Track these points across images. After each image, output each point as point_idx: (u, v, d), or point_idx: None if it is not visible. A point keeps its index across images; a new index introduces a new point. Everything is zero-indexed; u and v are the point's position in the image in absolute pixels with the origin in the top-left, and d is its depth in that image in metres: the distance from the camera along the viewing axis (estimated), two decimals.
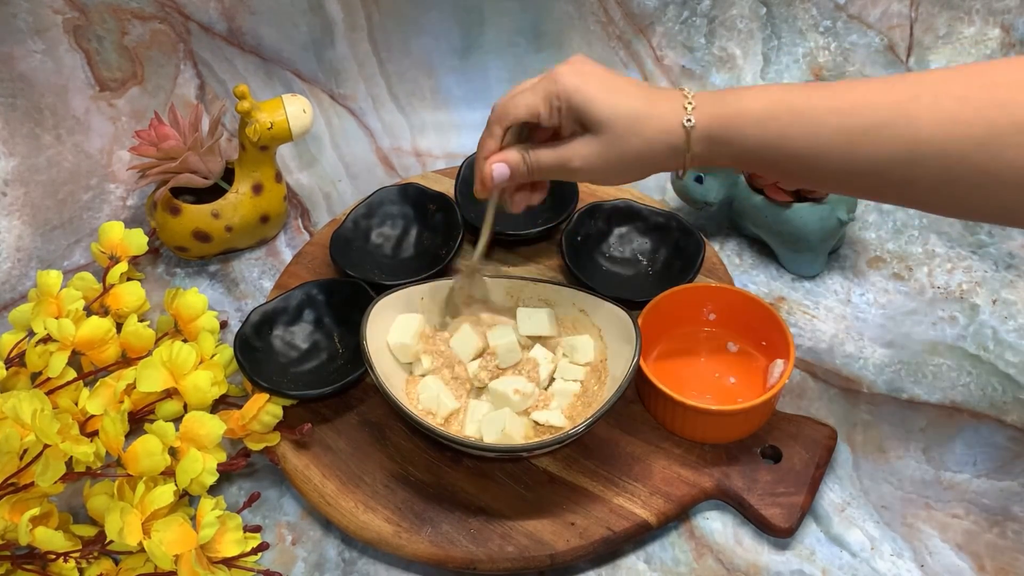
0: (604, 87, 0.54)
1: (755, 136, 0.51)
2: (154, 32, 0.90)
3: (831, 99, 0.50)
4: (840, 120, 0.49)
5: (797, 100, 0.50)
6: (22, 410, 0.57)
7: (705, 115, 0.52)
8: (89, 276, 0.75)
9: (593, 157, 0.55)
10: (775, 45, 0.97)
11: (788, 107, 0.50)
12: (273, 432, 0.66)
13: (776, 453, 0.64)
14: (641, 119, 0.53)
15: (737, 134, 0.51)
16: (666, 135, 0.53)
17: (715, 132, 0.52)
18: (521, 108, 0.55)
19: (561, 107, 0.54)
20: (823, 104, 0.50)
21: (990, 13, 0.95)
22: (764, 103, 0.51)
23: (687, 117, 0.52)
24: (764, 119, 0.50)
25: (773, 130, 0.50)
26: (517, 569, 0.59)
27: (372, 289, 0.71)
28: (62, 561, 0.56)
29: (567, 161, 0.56)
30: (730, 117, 0.52)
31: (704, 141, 0.52)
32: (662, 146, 0.53)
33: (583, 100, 0.54)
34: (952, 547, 0.61)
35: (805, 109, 0.50)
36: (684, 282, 0.72)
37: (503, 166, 0.57)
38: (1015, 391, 0.70)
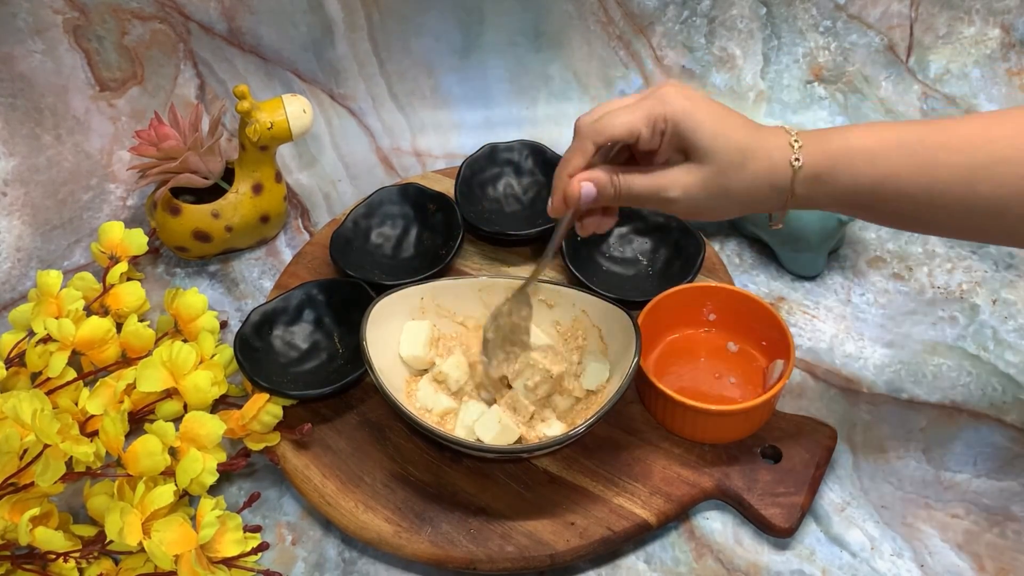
0: (713, 115, 0.50)
1: (865, 175, 0.48)
2: (154, 32, 0.90)
3: (944, 135, 0.48)
4: (956, 157, 0.47)
5: (909, 137, 0.48)
6: (22, 410, 0.57)
7: (812, 154, 0.49)
8: (89, 276, 0.75)
9: (694, 189, 0.50)
10: (775, 45, 0.97)
11: (899, 144, 0.48)
12: (273, 432, 0.66)
13: (776, 453, 0.64)
14: (748, 154, 0.50)
15: (845, 173, 0.49)
16: (771, 174, 0.50)
17: (822, 171, 0.49)
18: (620, 127, 0.50)
19: (666, 130, 0.50)
20: (936, 140, 0.48)
21: (990, 13, 0.95)
22: (874, 141, 0.48)
23: (795, 156, 0.49)
24: (875, 157, 0.48)
25: (884, 168, 0.48)
26: (517, 569, 0.59)
27: (372, 289, 0.71)
28: (62, 561, 0.56)
29: (663, 190, 0.51)
30: (837, 155, 0.49)
31: (809, 182, 0.50)
32: (765, 185, 0.50)
33: (692, 126, 0.49)
34: (952, 547, 0.61)
35: (918, 146, 0.47)
36: (684, 282, 0.72)
37: (591, 186, 0.52)
38: (1015, 391, 0.70)
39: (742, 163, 0.49)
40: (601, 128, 0.51)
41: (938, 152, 0.47)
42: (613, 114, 0.51)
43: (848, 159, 0.49)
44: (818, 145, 0.49)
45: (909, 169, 0.47)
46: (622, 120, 0.50)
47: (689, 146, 0.50)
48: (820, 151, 0.49)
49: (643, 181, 0.52)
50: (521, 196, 0.86)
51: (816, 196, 0.50)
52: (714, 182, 0.50)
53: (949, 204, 0.48)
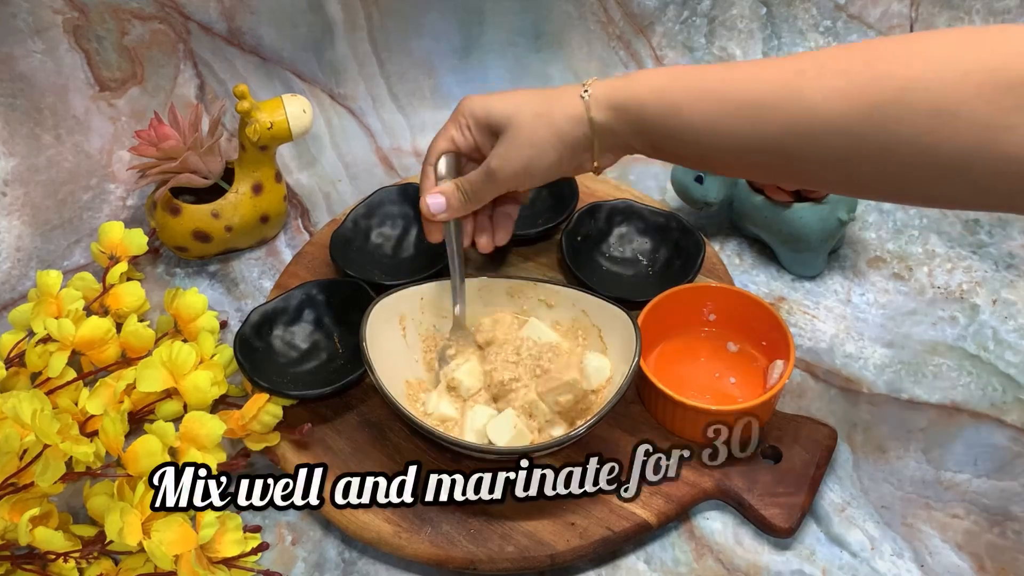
0: (502, 96, 0.58)
1: (652, 105, 0.52)
2: (154, 32, 0.90)
3: (723, 74, 0.51)
4: (730, 93, 0.50)
5: (691, 74, 0.52)
6: (22, 410, 0.57)
7: (602, 88, 0.54)
8: (89, 276, 0.75)
9: (508, 153, 0.57)
10: (775, 45, 0.97)
11: (682, 81, 0.52)
12: (273, 432, 0.66)
13: (776, 453, 0.64)
14: (544, 109, 0.55)
15: (635, 102, 0.53)
16: (571, 112, 0.55)
17: (615, 100, 0.54)
18: (440, 141, 0.61)
19: (469, 124, 0.59)
20: (715, 77, 0.51)
21: (990, 13, 0.95)
22: (659, 77, 0.53)
23: (584, 90, 0.54)
24: (659, 88, 0.52)
25: (668, 100, 0.52)
26: (517, 569, 0.59)
27: (372, 289, 0.71)
28: (62, 561, 0.56)
29: (491, 170, 0.58)
30: (626, 87, 0.54)
31: (605, 110, 0.54)
32: (569, 124, 0.55)
33: (484, 108, 0.58)
34: (952, 547, 0.61)
35: (698, 82, 0.51)
36: (684, 282, 0.72)
37: (438, 196, 0.61)
38: (1015, 391, 0.70)
39: (541, 118, 0.55)
40: (431, 148, 0.62)
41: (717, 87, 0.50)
42: (438, 135, 0.62)
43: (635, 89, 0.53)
44: (609, 84, 0.55)
45: (688, 101, 0.51)
46: (441, 135, 0.61)
47: (492, 124, 0.57)
48: (610, 86, 0.54)
49: (476, 172, 0.59)
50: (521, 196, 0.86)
51: (619, 128, 0.54)
52: (521, 142, 0.56)
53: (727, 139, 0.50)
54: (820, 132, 0.47)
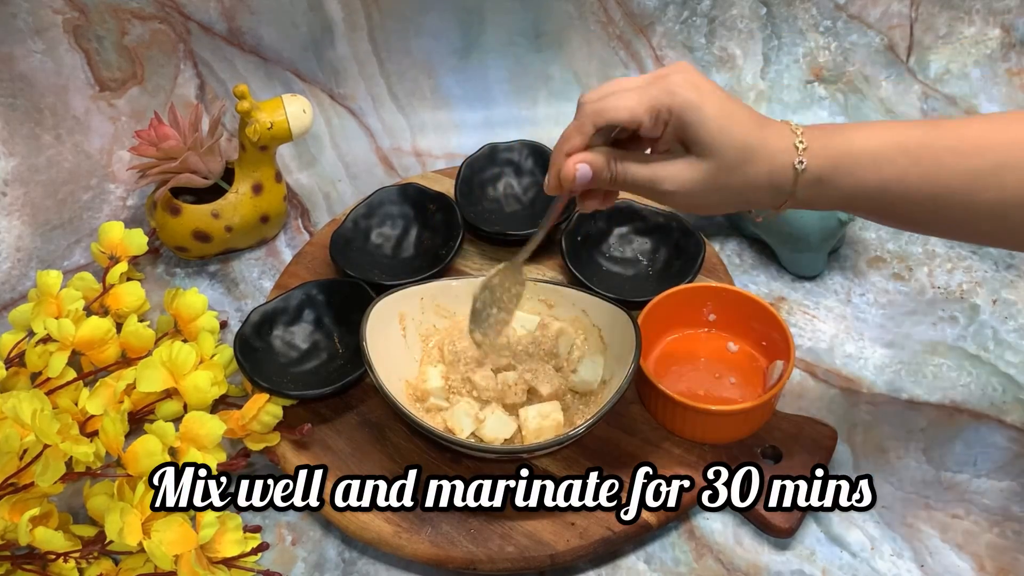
0: (719, 110, 0.48)
1: (870, 179, 0.47)
2: (154, 32, 0.90)
3: (948, 139, 0.47)
4: (961, 161, 0.46)
5: (912, 140, 0.47)
6: (22, 410, 0.57)
7: (817, 156, 0.48)
8: (89, 276, 0.75)
9: (692, 184, 0.49)
10: (775, 45, 0.97)
11: (903, 147, 0.47)
12: (273, 432, 0.66)
13: (776, 453, 0.64)
14: (751, 153, 0.48)
15: (847, 177, 0.48)
16: (773, 174, 0.48)
17: (825, 175, 0.48)
18: (622, 111, 0.49)
19: (669, 121, 0.49)
20: (940, 144, 0.47)
21: (990, 13, 0.95)
22: (877, 143, 0.47)
23: (799, 159, 0.48)
24: (879, 160, 0.47)
25: (889, 173, 0.47)
26: (517, 569, 0.59)
27: (372, 289, 0.71)
28: (62, 561, 0.56)
29: (660, 182, 0.50)
30: (841, 157, 0.48)
31: (812, 185, 0.48)
32: (766, 185, 0.49)
33: (697, 120, 0.48)
34: (952, 547, 0.61)
35: (922, 151, 0.47)
36: (684, 282, 0.72)
37: (587, 168, 0.50)
38: (1015, 391, 0.70)
39: (744, 162, 0.48)
40: (602, 109, 0.49)
41: (942, 156, 0.47)
42: (617, 96, 0.49)
43: (851, 162, 0.48)
44: (823, 147, 0.48)
45: (913, 174, 0.47)
46: (624, 104, 0.49)
47: (691, 140, 0.48)
48: (824, 154, 0.48)
49: (641, 171, 0.50)
50: (521, 196, 0.86)
51: (816, 198, 0.49)
52: (713, 179, 0.49)
53: (953, 208, 0.47)
54: None
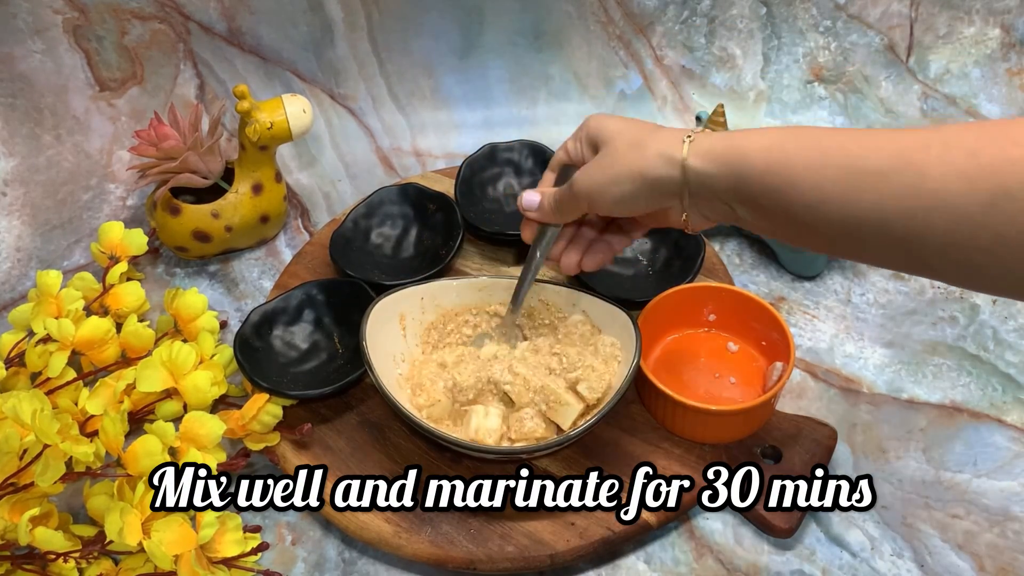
0: (620, 119, 0.57)
1: (757, 158, 0.48)
2: (154, 32, 0.90)
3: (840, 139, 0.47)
4: (846, 160, 0.46)
5: (805, 135, 0.48)
6: (22, 410, 0.57)
7: (707, 137, 0.51)
8: (89, 276, 0.75)
9: (591, 171, 0.55)
10: (775, 45, 0.97)
11: (796, 140, 0.48)
12: (273, 432, 0.66)
13: (776, 453, 0.64)
14: (641, 139, 0.54)
15: (737, 153, 0.49)
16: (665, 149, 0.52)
17: (716, 149, 0.50)
18: (559, 151, 0.62)
19: (583, 137, 0.59)
20: (831, 142, 0.47)
21: (990, 13, 0.95)
22: (771, 135, 0.49)
23: (687, 135, 0.52)
24: (767, 144, 0.48)
25: (776, 156, 0.48)
26: (517, 569, 0.59)
27: (372, 289, 0.71)
28: (62, 561, 0.56)
29: (571, 181, 0.57)
30: (732, 139, 0.50)
31: (703, 156, 0.51)
32: (658, 160, 0.52)
33: (597, 126, 0.57)
34: (952, 547, 0.61)
35: (812, 144, 0.47)
36: (684, 282, 0.72)
37: (534, 195, 0.61)
38: (1015, 391, 0.70)
39: (635, 143, 0.54)
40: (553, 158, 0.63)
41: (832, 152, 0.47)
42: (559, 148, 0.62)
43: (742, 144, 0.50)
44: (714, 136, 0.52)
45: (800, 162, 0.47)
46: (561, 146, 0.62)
47: (596, 141, 0.57)
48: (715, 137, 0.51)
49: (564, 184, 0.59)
50: None
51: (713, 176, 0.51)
52: (608, 162, 0.55)
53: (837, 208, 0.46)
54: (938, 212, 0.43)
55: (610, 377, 0.64)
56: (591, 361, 0.65)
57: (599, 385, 0.63)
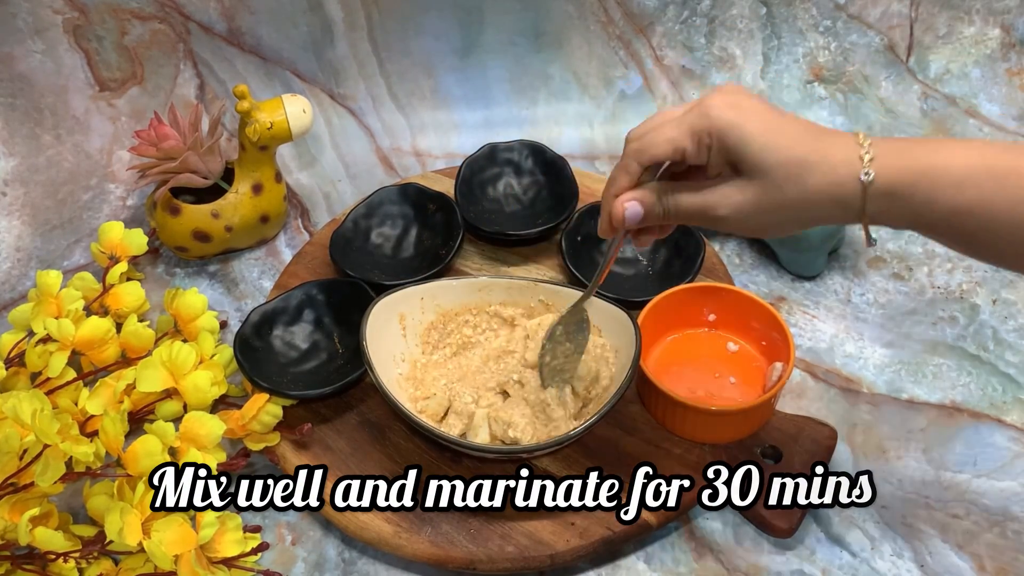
0: (764, 126, 0.46)
1: (949, 200, 0.43)
2: (154, 32, 0.90)
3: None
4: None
5: (1000, 164, 0.43)
6: (22, 410, 0.57)
7: (887, 168, 0.44)
8: (89, 276, 0.75)
9: (744, 206, 0.47)
10: (775, 45, 0.97)
11: (990, 171, 0.43)
12: (273, 432, 0.66)
13: (776, 453, 0.64)
14: (806, 167, 0.45)
15: (926, 195, 0.43)
16: (835, 188, 0.44)
17: (899, 189, 0.44)
18: (664, 145, 0.48)
19: (712, 145, 0.47)
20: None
21: (990, 13, 0.95)
22: (962, 162, 0.43)
23: (864, 170, 0.44)
24: (962, 181, 0.43)
25: (973, 196, 0.43)
26: (517, 569, 0.59)
27: (372, 289, 0.71)
28: (62, 561, 0.56)
29: (712, 208, 0.48)
30: (920, 173, 0.44)
31: (884, 198, 0.44)
32: (828, 200, 0.45)
33: (739, 140, 0.46)
34: (952, 547, 0.61)
35: (1011, 176, 0.42)
36: (684, 282, 0.72)
37: (637, 206, 0.50)
38: (1015, 391, 0.70)
39: (797, 177, 0.45)
40: (644, 147, 0.49)
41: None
42: (657, 131, 0.48)
43: (931, 179, 0.43)
44: (896, 159, 0.44)
45: (1001, 198, 0.42)
46: (664, 138, 0.48)
47: (737, 161, 0.46)
48: (896, 165, 0.44)
49: (691, 200, 0.49)
50: (521, 196, 0.86)
51: (888, 215, 0.45)
52: (767, 198, 0.46)
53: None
54: None
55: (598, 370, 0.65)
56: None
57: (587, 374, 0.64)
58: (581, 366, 0.65)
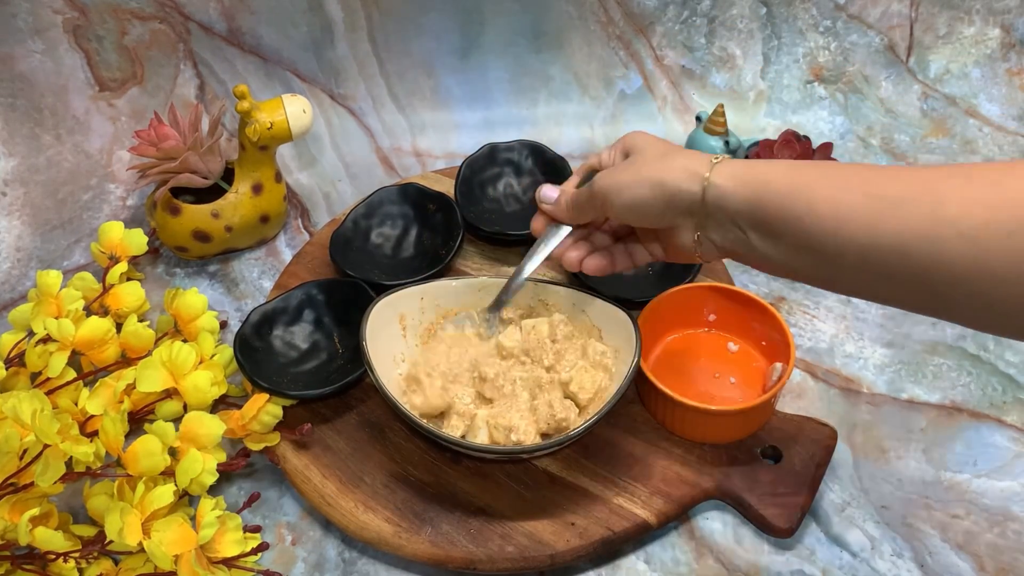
0: (657, 138, 0.59)
1: (780, 185, 0.49)
2: (154, 32, 0.90)
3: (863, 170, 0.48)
4: (866, 187, 0.46)
5: (829, 167, 0.49)
6: (22, 410, 0.57)
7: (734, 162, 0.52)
8: (89, 276, 0.75)
9: (613, 175, 0.56)
10: (775, 45, 0.97)
11: (818, 169, 0.49)
12: (273, 432, 0.66)
13: (776, 453, 0.64)
14: (672, 153, 0.56)
15: (760, 179, 0.50)
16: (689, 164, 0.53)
17: (739, 170, 0.51)
18: (593, 157, 0.63)
19: (618, 147, 0.60)
20: (852, 172, 0.48)
21: (990, 13, 0.95)
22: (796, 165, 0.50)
23: (716, 158, 0.53)
24: (790, 174, 0.49)
25: (798, 183, 0.48)
26: (517, 569, 0.59)
27: (372, 289, 0.71)
28: (62, 561, 0.56)
29: (592, 182, 0.58)
30: (756, 165, 0.52)
31: (726, 176, 0.51)
32: (681, 173, 0.53)
33: (633, 138, 0.59)
34: (952, 547, 0.61)
35: (834, 173, 0.48)
36: (684, 282, 0.72)
37: (552, 189, 0.63)
38: (1015, 391, 0.70)
39: (663, 154, 0.55)
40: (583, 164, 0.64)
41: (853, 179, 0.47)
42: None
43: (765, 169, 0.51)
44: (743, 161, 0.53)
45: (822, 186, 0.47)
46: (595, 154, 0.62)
47: (630, 150, 0.58)
48: (742, 161, 0.53)
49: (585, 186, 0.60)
50: (521, 196, 0.86)
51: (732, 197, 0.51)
52: (632, 167, 0.56)
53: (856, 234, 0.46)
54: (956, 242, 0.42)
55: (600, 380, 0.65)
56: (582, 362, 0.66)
57: (590, 385, 0.64)
58: (585, 375, 0.64)
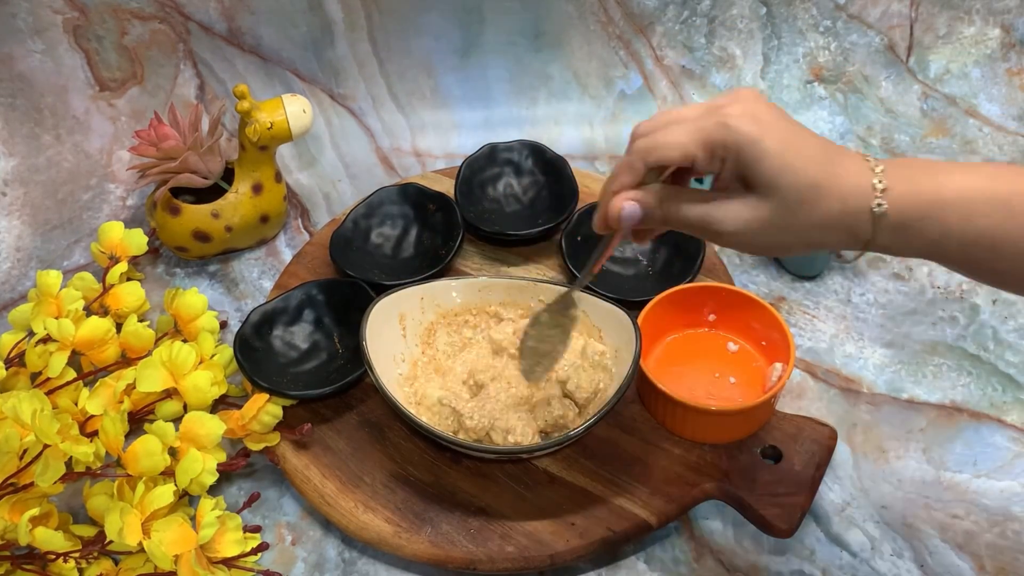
0: (782, 143, 0.43)
1: (959, 230, 0.42)
2: (154, 32, 0.90)
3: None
4: None
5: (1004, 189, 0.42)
6: (22, 410, 0.57)
7: (898, 198, 0.43)
8: (89, 276, 0.75)
9: (752, 224, 0.45)
10: (775, 45, 0.97)
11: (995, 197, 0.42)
12: (273, 432, 0.66)
13: (776, 453, 0.64)
14: (818, 192, 0.43)
15: (935, 225, 0.42)
16: (846, 217, 0.43)
17: (908, 221, 0.43)
18: (674, 148, 0.45)
19: (726, 158, 0.44)
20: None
21: (990, 13, 0.95)
22: (970, 190, 0.42)
23: (877, 202, 0.43)
24: (970, 211, 0.42)
25: (982, 226, 0.42)
26: (517, 569, 0.59)
27: (372, 289, 0.71)
28: (62, 561, 0.56)
29: (716, 223, 0.45)
30: (928, 204, 0.43)
31: (894, 231, 0.43)
32: (839, 228, 0.44)
33: (756, 156, 0.43)
34: (952, 547, 0.61)
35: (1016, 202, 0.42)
36: (684, 282, 0.72)
37: (635, 207, 0.47)
38: (1015, 391, 0.70)
39: (810, 202, 0.43)
40: (651, 147, 0.46)
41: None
42: (668, 131, 0.45)
43: (939, 210, 0.42)
44: (906, 186, 0.43)
45: (1008, 228, 0.42)
46: (675, 141, 0.45)
47: (751, 177, 0.44)
48: (907, 194, 0.43)
49: (695, 211, 0.46)
50: (521, 196, 0.86)
51: (900, 247, 0.44)
52: (777, 219, 0.44)
53: None
54: None
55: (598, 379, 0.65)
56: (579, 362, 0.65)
57: (587, 384, 0.64)
58: (582, 375, 0.64)
